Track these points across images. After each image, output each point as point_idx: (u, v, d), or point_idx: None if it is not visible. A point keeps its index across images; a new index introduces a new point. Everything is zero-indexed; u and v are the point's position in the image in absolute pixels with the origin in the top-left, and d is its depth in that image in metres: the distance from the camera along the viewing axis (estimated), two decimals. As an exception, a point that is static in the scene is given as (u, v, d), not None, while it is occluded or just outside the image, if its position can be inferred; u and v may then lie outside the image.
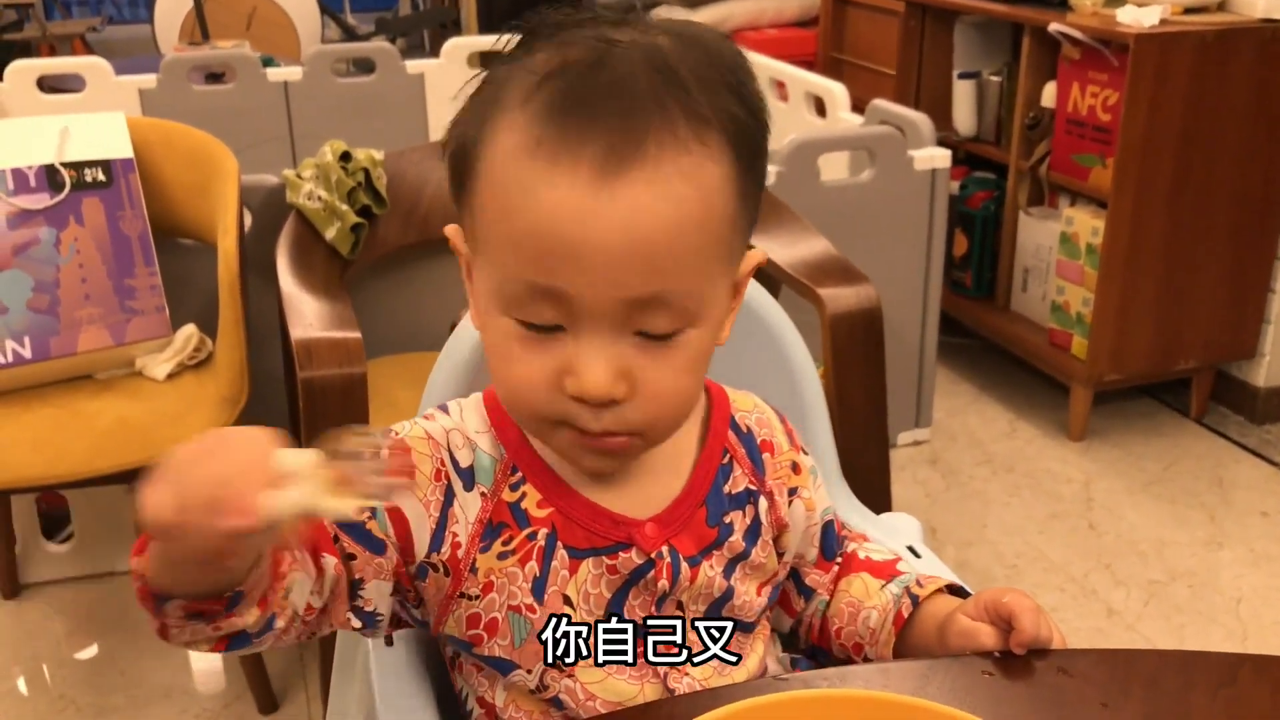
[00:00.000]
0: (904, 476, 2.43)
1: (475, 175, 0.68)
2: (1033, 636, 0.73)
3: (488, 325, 0.71)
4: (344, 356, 1.53)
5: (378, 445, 0.61)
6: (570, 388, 0.67)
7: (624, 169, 0.63)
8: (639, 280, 0.65)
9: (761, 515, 0.82)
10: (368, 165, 1.90)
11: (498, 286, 0.68)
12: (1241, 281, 2.53)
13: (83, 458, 1.60)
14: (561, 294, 0.65)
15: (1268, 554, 2.18)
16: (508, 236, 0.66)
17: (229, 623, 0.65)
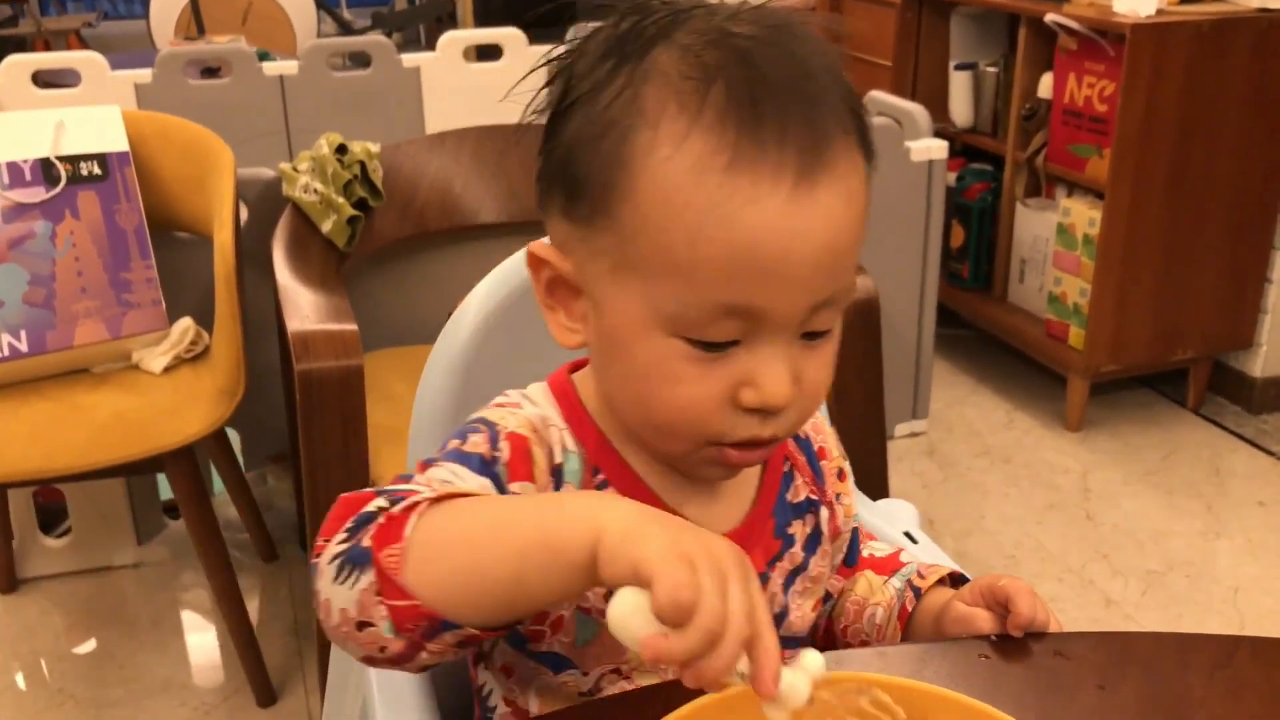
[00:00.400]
0: (901, 468, 2.43)
1: (627, 193, 0.63)
2: (1029, 619, 0.73)
3: (636, 347, 0.65)
4: (341, 349, 1.53)
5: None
6: (749, 400, 0.64)
7: (817, 176, 0.61)
8: (828, 283, 0.64)
9: (822, 525, 0.81)
10: (364, 158, 1.89)
11: (668, 309, 0.63)
12: (1238, 272, 2.53)
13: (80, 451, 1.60)
14: (753, 310, 0.62)
15: (1264, 544, 2.18)
16: (693, 260, 0.61)
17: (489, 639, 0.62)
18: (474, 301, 0.86)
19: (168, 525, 2.18)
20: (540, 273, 0.70)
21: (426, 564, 0.57)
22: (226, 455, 1.98)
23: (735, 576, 0.52)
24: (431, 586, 0.57)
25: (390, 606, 0.57)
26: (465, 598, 0.57)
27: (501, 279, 0.87)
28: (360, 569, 0.58)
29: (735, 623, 0.51)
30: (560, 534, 0.55)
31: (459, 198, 2.00)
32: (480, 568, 0.57)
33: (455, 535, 0.58)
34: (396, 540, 0.58)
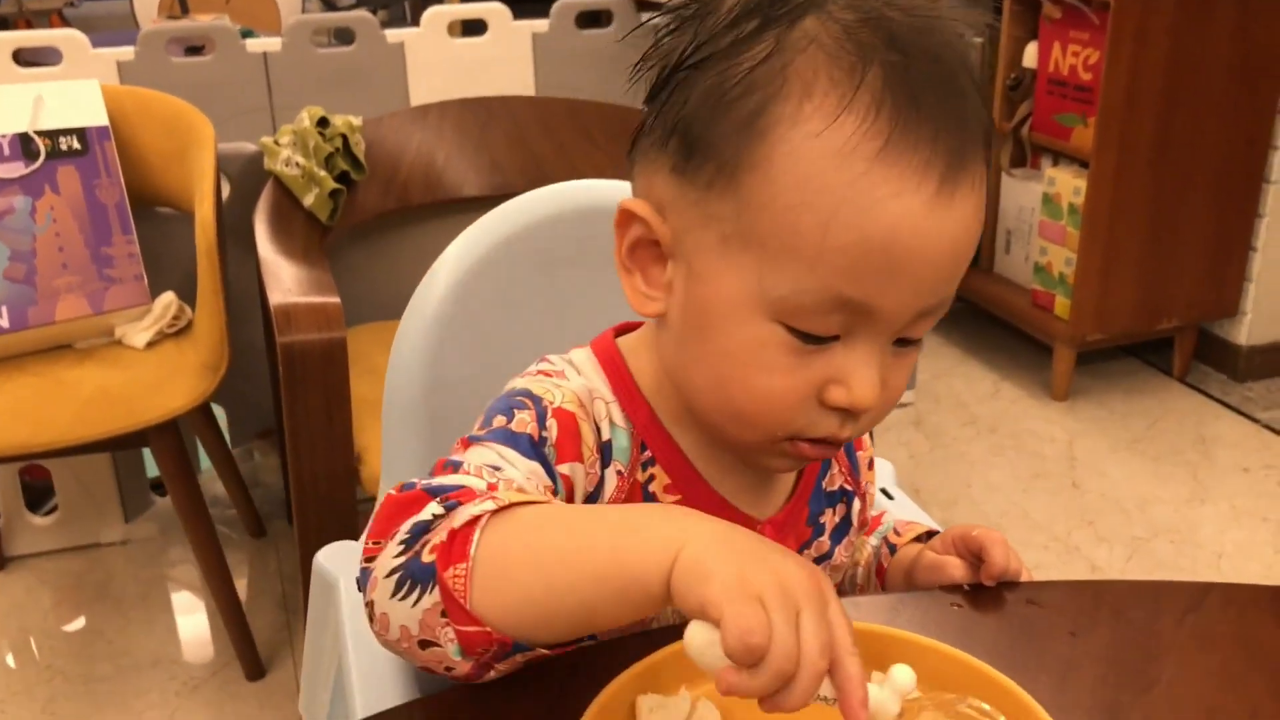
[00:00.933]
0: (888, 438, 2.44)
1: (759, 163, 0.59)
2: (1003, 569, 0.74)
3: (733, 327, 0.62)
4: (323, 321, 1.53)
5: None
6: (837, 398, 0.62)
7: (959, 180, 0.59)
8: (941, 289, 0.62)
9: (853, 516, 0.80)
10: (345, 131, 1.89)
11: (778, 292, 0.60)
12: (1224, 240, 2.54)
13: (64, 426, 1.59)
14: (866, 307, 0.60)
15: (1248, 509, 2.19)
16: (821, 245, 0.58)
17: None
18: (445, 264, 0.86)
19: (155, 502, 2.18)
20: (627, 231, 0.66)
21: (495, 588, 0.55)
22: (213, 431, 1.98)
23: (811, 607, 0.50)
24: (501, 611, 0.55)
25: (459, 631, 0.55)
26: (536, 623, 0.55)
27: (474, 240, 0.87)
28: (423, 586, 0.55)
29: (809, 660, 0.49)
30: (634, 563, 0.53)
31: (442, 171, 2.00)
32: (551, 594, 0.54)
33: (524, 558, 0.55)
34: (461, 559, 0.55)
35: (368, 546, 0.59)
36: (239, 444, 2.24)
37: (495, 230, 0.87)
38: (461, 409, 0.77)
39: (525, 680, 0.65)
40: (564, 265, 0.89)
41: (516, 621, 0.55)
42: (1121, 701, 0.64)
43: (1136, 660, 0.67)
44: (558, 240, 0.89)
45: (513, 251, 0.87)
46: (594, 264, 0.83)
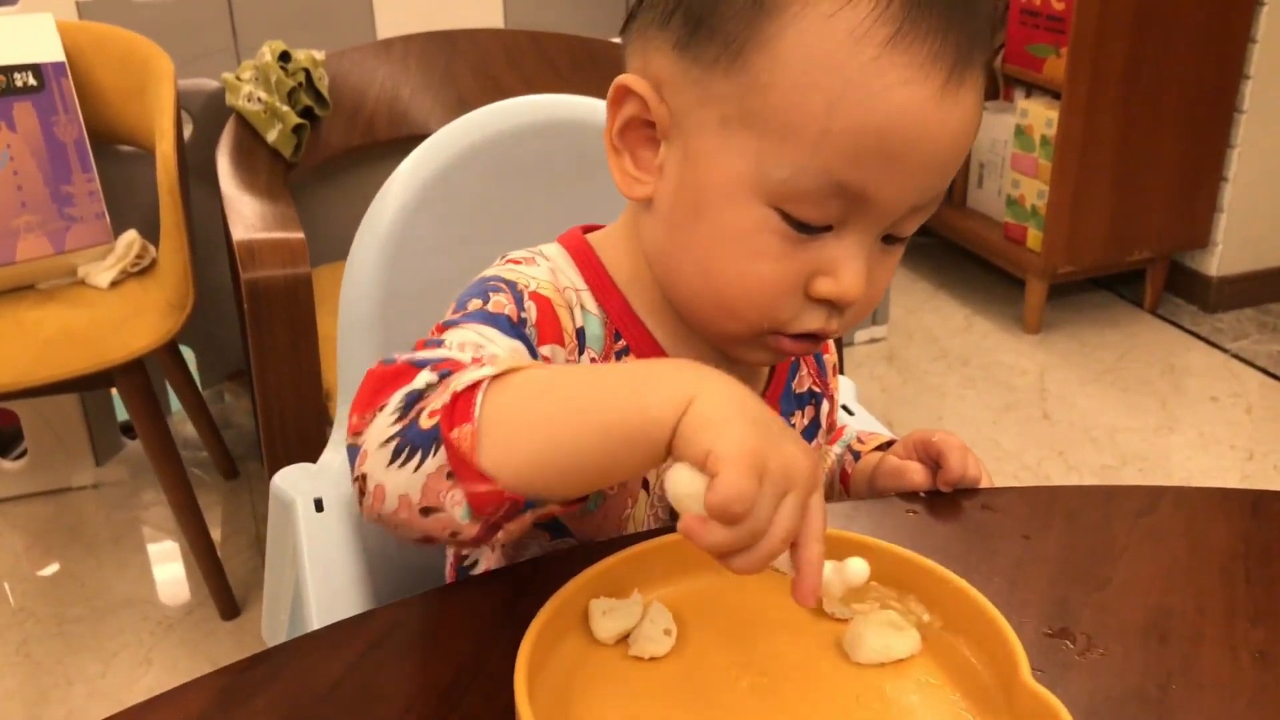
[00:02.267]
0: (861, 373, 2.44)
1: (768, 42, 0.58)
2: (960, 475, 0.74)
3: (726, 209, 0.62)
4: (287, 257, 1.51)
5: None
6: (824, 289, 0.62)
7: (965, 76, 0.59)
8: (936, 184, 0.62)
9: (821, 418, 0.81)
10: (308, 65, 1.86)
11: (776, 175, 0.59)
12: (1195, 170, 2.54)
13: (27, 367, 1.58)
14: (863, 195, 0.60)
15: (1215, 437, 2.21)
16: (825, 128, 0.58)
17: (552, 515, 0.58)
18: (398, 180, 0.85)
19: (125, 445, 2.16)
20: (621, 109, 0.65)
21: (504, 445, 0.53)
22: (182, 373, 1.96)
23: (799, 490, 0.51)
24: (512, 468, 0.53)
25: (468, 492, 0.53)
26: (547, 478, 0.54)
27: (427, 156, 0.86)
28: (424, 451, 0.54)
29: (773, 538, 0.50)
30: (647, 409, 0.51)
31: (407, 106, 1.97)
32: (562, 447, 0.53)
33: (533, 414, 0.54)
34: (466, 420, 0.53)
35: (352, 422, 0.58)
36: (209, 386, 2.23)
37: (448, 146, 0.86)
38: (418, 323, 0.76)
39: (479, 586, 0.65)
40: (518, 180, 0.88)
41: (527, 477, 0.53)
42: (1072, 599, 0.64)
43: (1088, 561, 0.67)
44: (512, 156, 0.88)
45: (466, 167, 0.86)
46: (550, 179, 0.82)
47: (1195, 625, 0.62)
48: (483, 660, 0.59)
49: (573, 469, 0.54)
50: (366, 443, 0.56)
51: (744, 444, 0.49)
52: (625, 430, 0.52)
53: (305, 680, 0.58)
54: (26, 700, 1.64)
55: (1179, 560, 0.68)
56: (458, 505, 0.53)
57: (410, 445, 0.54)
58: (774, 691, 0.58)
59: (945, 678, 0.59)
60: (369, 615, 0.64)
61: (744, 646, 0.61)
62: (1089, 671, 0.59)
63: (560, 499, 0.56)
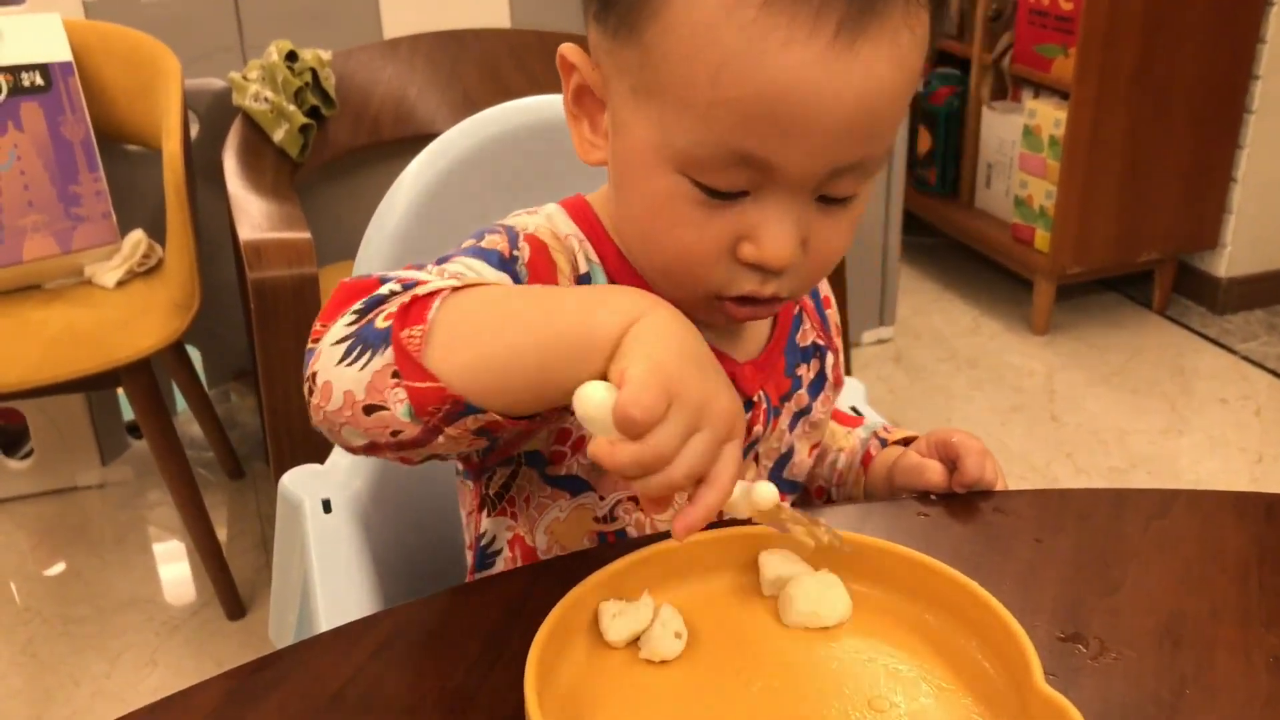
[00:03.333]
0: (868, 374, 2.44)
1: (658, 13, 0.58)
2: (976, 478, 0.73)
3: (646, 177, 0.62)
4: (294, 257, 1.51)
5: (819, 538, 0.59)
6: (749, 254, 0.61)
7: (864, 28, 0.55)
8: (855, 149, 0.59)
9: (827, 370, 0.81)
10: (315, 65, 1.86)
11: (679, 143, 0.59)
12: (1204, 171, 2.52)
13: (34, 366, 1.58)
14: (767, 164, 0.58)
15: (1225, 439, 2.20)
16: (713, 98, 0.57)
17: (511, 432, 0.58)
18: (407, 180, 0.85)
19: (131, 445, 2.16)
20: (569, 78, 0.67)
21: (452, 346, 0.54)
22: (188, 372, 1.96)
23: (713, 429, 0.51)
24: (457, 369, 0.54)
25: (410, 388, 0.53)
26: (490, 382, 0.54)
27: (435, 156, 0.85)
28: (374, 349, 0.54)
29: (675, 471, 0.50)
30: (594, 323, 0.53)
31: (414, 106, 1.97)
32: (508, 352, 0.54)
33: (485, 320, 0.55)
34: (419, 321, 0.54)
35: (315, 329, 0.58)
36: (215, 386, 2.23)
37: (457, 146, 0.86)
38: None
39: (488, 588, 0.65)
40: (526, 180, 0.88)
41: (472, 378, 0.54)
42: (1085, 603, 0.64)
43: (1100, 565, 0.67)
44: (520, 155, 0.87)
45: (474, 167, 0.86)
46: (557, 179, 0.82)
47: (1209, 630, 0.62)
48: (492, 662, 0.58)
49: (512, 372, 0.54)
50: (321, 344, 0.57)
51: (661, 363, 0.50)
52: (568, 339, 0.53)
53: (313, 683, 0.58)
54: (32, 699, 1.64)
55: (1192, 564, 0.67)
56: (400, 403, 0.54)
57: (363, 343, 0.55)
58: (785, 695, 0.57)
59: (958, 682, 0.58)
60: (377, 617, 0.63)
61: (755, 650, 0.60)
62: (1102, 676, 0.59)
63: (501, 408, 0.55)
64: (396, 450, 0.57)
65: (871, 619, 0.62)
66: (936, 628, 0.61)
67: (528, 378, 0.54)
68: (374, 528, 0.83)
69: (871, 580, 0.63)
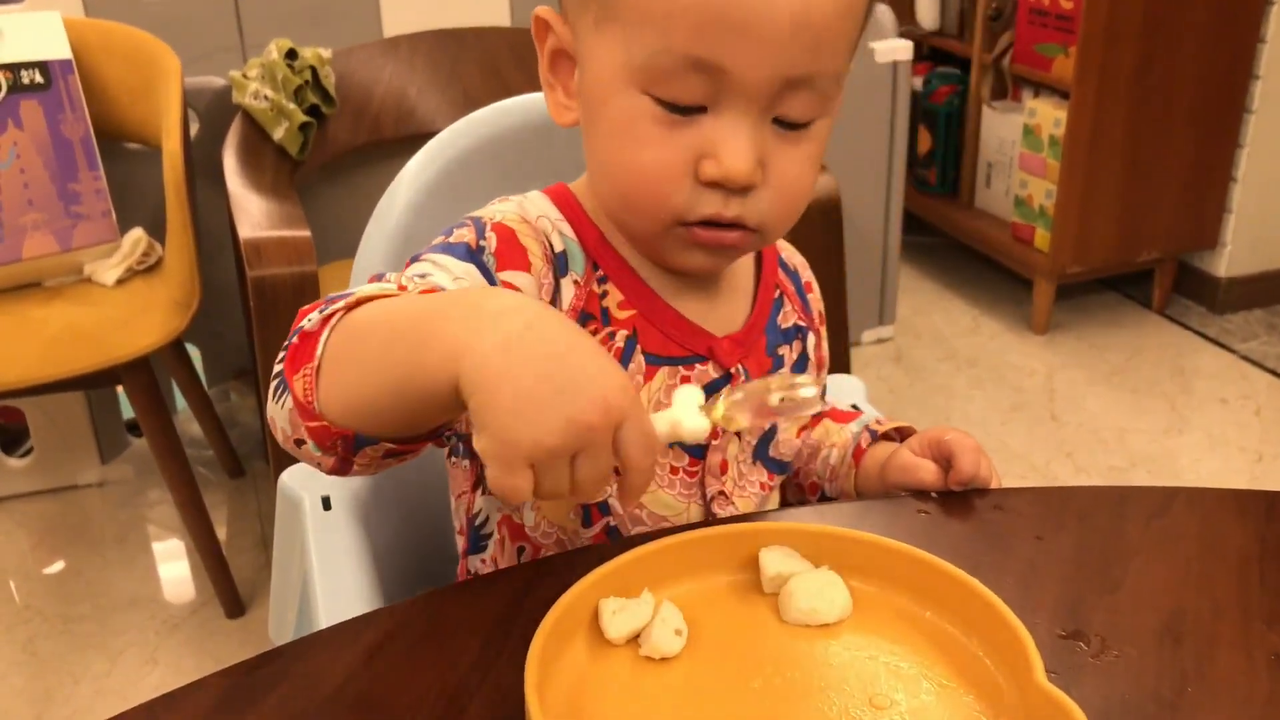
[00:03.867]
0: (868, 374, 2.43)
1: None
2: (971, 475, 0.73)
3: (610, 104, 0.65)
4: (293, 255, 1.51)
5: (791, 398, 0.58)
6: (709, 171, 0.64)
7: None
8: (802, 59, 0.62)
9: (809, 351, 0.82)
10: (314, 63, 1.85)
11: (639, 59, 0.63)
12: (1203, 170, 2.52)
13: (34, 364, 1.57)
14: (718, 69, 0.61)
15: (1224, 438, 2.20)
16: (669, 6, 0.61)
17: (419, 451, 0.61)
18: (406, 177, 0.84)
19: (131, 443, 2.16)
20: (545, 42, 0.70)
21: (331, 383, 0.56)
22: (187, 371, 1.96)
23: (595, 444, 0.51)
24: (335, 405, 0.56)
25: (308, 427, 0.57)
26: (365, 416, 0.57)
27: (435, 154, 0.85)
28: (286, 389, 0.58)
29: (581, 493, 0.52)
30: (424, 375, 0.53)
31: (414, 104, 1.97)
32: (372, 393, 0.56)
33: (352, 357, 0.56)
34: (308, 360, 0.57)
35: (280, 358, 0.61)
36: (215, 384, 2.23)
37: (456, 144, 0.86)
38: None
39: (488, 585, 0.65)
40: (525, 178, 0.87)
41: (350, 414, 0.56)
42: (1086, 601, 0.63)
43: (1101, 562, 0.67)
44: (519, 153, 0.87)
45: (474, 165, 0.85)
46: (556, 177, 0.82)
47: (1210, 628, 0.62)
48: (492, 660, 0.58)
49: (384, 414, 0.56)
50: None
51: (504, 436, 0.50)
52: (414, 386, 0.54)
53: (313, 680, 0.58)
54: (32, 698, 1.63)
55: (1193, 562, 0.67)
56: (308, 438, 0.58)
57: (280, 383, 0.58)
58: (785, 692, 0.57)
59: (959, 679, 0.58)
60: (377, 614, 0.63)
61: (755, 647, 0.60)
62: (1103, 674, 0.58)
63: (387, 435, 0.58)
64: (337, 473, 0.60)
65: (872, 616, 0.62)
66: (937, 625, 0.61)
67: (393, 415, 0.56)
68: (373, 525, 0.83)
69: (872, 577, 0.63)
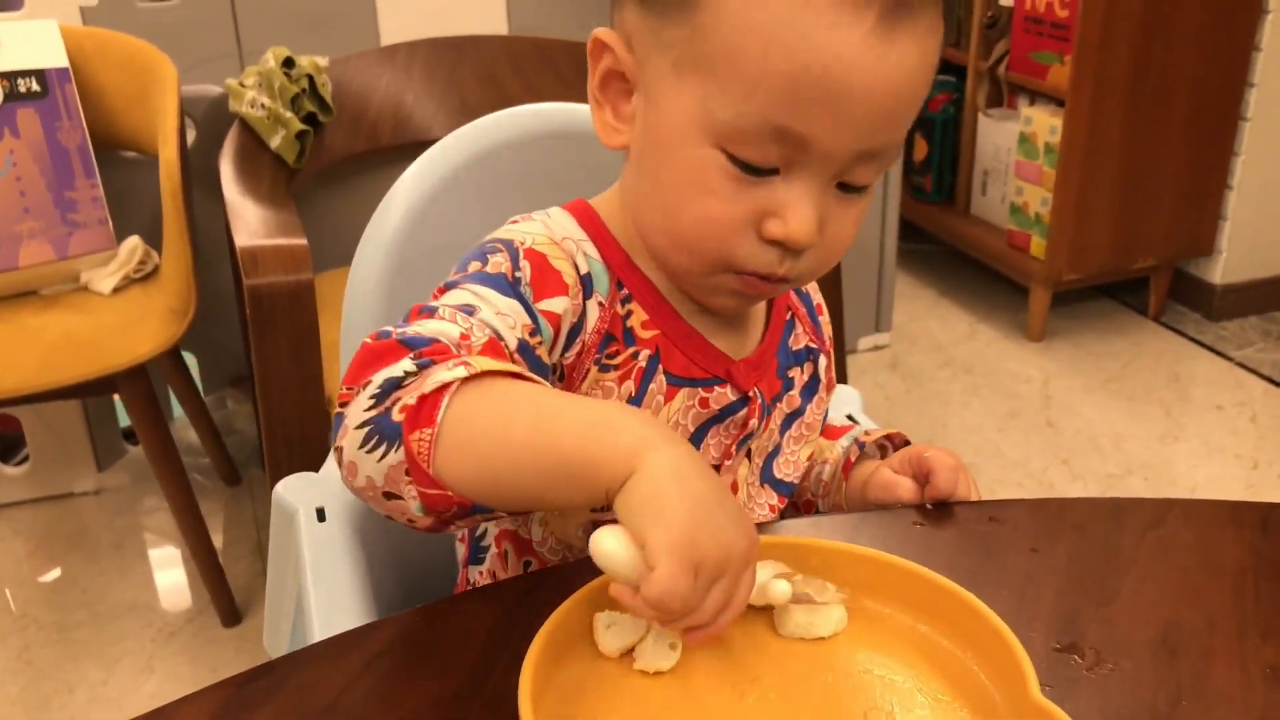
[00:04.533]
0: (865, 381, 2.44)
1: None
2: (948, 493, 0.74)
3: (679, 150, 0.65)
4: (290, 263, 1.51)
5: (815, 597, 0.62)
6: (773, 231, 0.64)
7: (901, 19, 0.60)
8: (885, 132, 0.63)
9: (820, 373, 0.82)
10: (311, 71, 1.86)
11: (721, 117, 0.62)
12: (1200, 178, 2.53)
13: (31, 372, 1.57)
14: (802, 140, 0.62)
15: (1221, 445, 2.21)
16: (761, 71, 0.60)
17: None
18: (402, 188, 0.85)
19: (128, 451, 2.16)
20: (599, 62, 0.70)
21: (458, 456, 0.56)
22: (184, 379, 1.96)
23: (730, 577, 0.54)
24: (462, 478, 0.56)
25: (421, 492, 0.57)
26: (494, 493, 0.57)
27: (431, 165, 0.85)
28: (390, 445, 0.57)
29: (703, 614, 0.54)
30: (594, 458, 0.55)
31: (411, 112, 1.97)
32: (511, 470, 0.56)
33: (490, 431, 0.56)
34: (428, 425, 0.56)
35: (342, 392, 0.60)
36: (211, 392, 2.22)
37: (453, 153, 0.86)
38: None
39: (483, 599, 0.65)
40: (522, 189, 0.87)
41: (475, 489, 0.57)
42: (1081, 613, 0.63)
43: (1097, 574, 0.67)
44: (516, 162, 0.87)
45: (470, 175, 0.85)
46: (553, 187, 0.82)
47: (1205, 641, 0.62)
48: (487, 673, 0.58)
49: (516, 492, 0.57)
50: (348, 419, 0.59)
51: (681, 535, 0.52)
52: (570, 472, 0.56)
53: (307, 693, 0.58)
54: (28, 706, 1.63)
55: (1189, 574, 0.67)
56: (413, 499, 0.57)
57: (379, 435, 0.57)
58: (780, 706, 0.57)
59: (953, 693, 0.58)
60: (372, 627, 0.63)
61: (749, 661, 0.60)
62: (1098, 687, 0.59)
63: (506, 509, 0.59)
64: (416, 530, 0.61)
65: (867, 630, 0.62)
66: (932, 639, 0.61)
67: (525, 496, 0.58)
68: (369, 536, 0.83)
69: (867, 591, 0.63)
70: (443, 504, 0.57)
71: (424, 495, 0.57)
